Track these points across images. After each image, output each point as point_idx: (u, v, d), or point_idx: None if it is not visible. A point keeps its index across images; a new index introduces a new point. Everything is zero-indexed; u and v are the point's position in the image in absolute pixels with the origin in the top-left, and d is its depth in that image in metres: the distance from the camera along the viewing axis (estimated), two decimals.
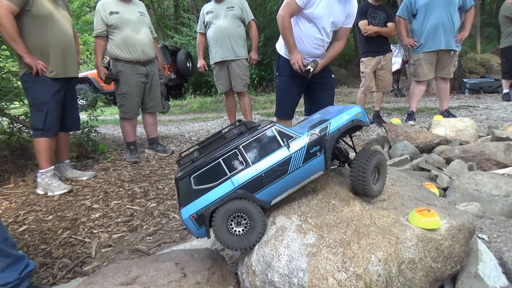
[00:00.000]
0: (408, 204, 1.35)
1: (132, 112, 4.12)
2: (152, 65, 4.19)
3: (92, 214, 2.78)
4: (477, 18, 15.11)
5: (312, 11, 2.91)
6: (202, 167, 1.26)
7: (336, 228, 1.17)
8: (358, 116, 1.39)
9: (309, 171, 1.32)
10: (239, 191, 1.24)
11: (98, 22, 3.89)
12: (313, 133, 1.30)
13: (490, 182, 2.26)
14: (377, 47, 4.98)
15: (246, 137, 1.29)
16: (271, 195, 1.30)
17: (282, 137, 1.29)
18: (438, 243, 1.18)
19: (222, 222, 1.24)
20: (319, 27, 2.97)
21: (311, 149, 1.29)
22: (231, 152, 1.26)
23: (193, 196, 1.25)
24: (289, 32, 2.96)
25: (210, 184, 1.25)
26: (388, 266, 1.07)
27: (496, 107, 6.10)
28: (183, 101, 11.18)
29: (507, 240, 1.52)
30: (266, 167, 1.26)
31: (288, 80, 3.20)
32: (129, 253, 2.20)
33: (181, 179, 1.26)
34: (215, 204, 1.24)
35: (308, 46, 3.05)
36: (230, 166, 1.26)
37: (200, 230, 1.26)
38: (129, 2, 4.04)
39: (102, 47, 3.98)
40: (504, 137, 2.99)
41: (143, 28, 4.06)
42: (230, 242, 1.25)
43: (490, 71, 11.28)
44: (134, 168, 3.90)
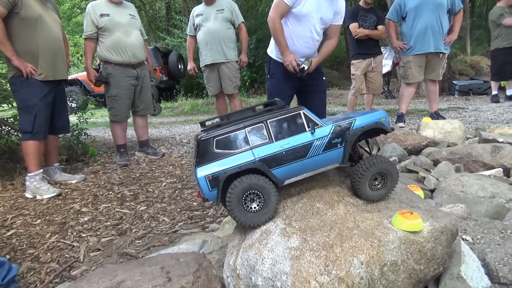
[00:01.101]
0: (392, 206, 1.36)
1: (122, 115, 4.10)
2: (142, 68, 4.18)
3: (81, 217, 2.76)
4: (467, 20, 15.29)
5: (300, 9, 2.92)
6: (227, 132, 1.29)
7: (319, 231, 1.18)
8: (382, 120, 1.44)
9: (327, 160, 1.36)
10: (258, 163, 1.28)
11: (88, 24, 3.87)
12: (338, 126, 1.35)
13: (476, 184, 2.29)
14: (368, 49, 5.02)
15: (274, 113, 1.34)
16: (287, 174, 1.33)
17: (308, 122, 1.34)
18: (420, 245, 1.20)
19: (238, 197, 1.27)
20: (309, 25, 2.98)
21: (333, 140, 1.34)
22: (258, 125, 1.31)
23: (213, 158, 1.28)
24: (280, 33, 2.97)
25: (232, 150, 1.29)
26: (370, 269, 1.08)
27: (485, 108, 6.17)
28: (175, 103, 11.16)
29: (490, 241, 1.55)
30: (288, 146, 1.30)
31: (280, 82, 3.20)
32: (117, 257, 2.19)
33: (203, 139, 1.28)
34: (232, 170, 1.26)
35: (299, 46, 3.05)
36: (254, 137, 1.30)
37: (211, 192, 1.28)
38: (120, 5, 4.03)
39: (92, 49, 3.97)
40: (491, 139, 3.03)
41: (134, 31, 4.05)
42: (244, 219, 1.28)
43: (480, 73, 11.41)
44: (124, 171, 3.88)
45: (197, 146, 1.30)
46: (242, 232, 1.38)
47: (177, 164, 4.07)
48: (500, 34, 6.69)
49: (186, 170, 3.80)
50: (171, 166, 3.99)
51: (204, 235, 2.23)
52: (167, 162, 4.19)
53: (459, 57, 12.82)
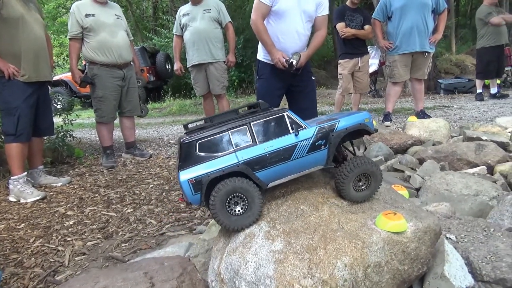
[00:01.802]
0: (376, 207, 1.37)
1: (108, 116, 4.06)
2: (129, 69, 4.14)
3: (66, 221, 2.72)
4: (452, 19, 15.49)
5: (279, 6, 2.90)
6: (210, 135, 1.29)
7: (303, 234, 1.18)
8: (366, 121, 1.44)
9: (311, 162, 1.36)
10: (242, 166, 1.27)
11: (73, 24, 3.83)
12: (321, 127, 1.36)
13: (461, 182, 2.32)
14: (355, 49, 5.05)
15: (258, 116, 1.33)
16: (271, 177, 1.33)
17: (292, 124, 1.33)
18: (404, 245, 1.21)
19: (222, 201, 1.26)
20: (292, 21, 2.95)
21: (317, 142, 1.34)
22: (241, 127, 1.30)
23: (196, 161, 1.27)
24: (264, 33, 2.96)
25: (215, 153, 1.28)
26: (354, 271, 1.08)
27: (470, 107, 6.26)
28: (162, 103, 11.08)
29: (473, 239, 1.56)
30: (272, 148, 1.30)
31: (268, 83, 3.18)
32: (103, 261, 2.16)
33: (186, 142, 1.28)
34: (216, 173, 1.26)
35: (286, 43, 3.02)
36: (238, 140, 1.30)
37: (194, 196, 1.27)
38: (105, 5, 3.99)
39: (77, 49, 3.92)
40: (475, 137, 3.08)
41: (120, 31, 4.02)
42: (228, 222, 1.28)
43: (464, 71, 11.59)
44: (111, 173, 3.84)
45: (179, 149, 1.29)
46: (226, 235, 1.37)
47: (164, 165, 4.04)
48: (486, 33, 6.77)
49: (174, 172, 3.78)
50: (159, 168, 3.96)
51: (191, 237, 2.22)
52: (154, 163, 4.16)
53: (444, 56, 13.00)
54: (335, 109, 5.44)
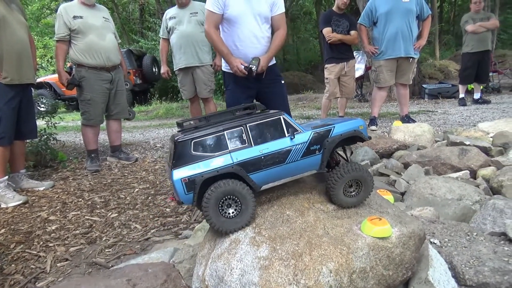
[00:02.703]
0: (362, 212, 1.37)
1: (96, 119, 4.02)
2: (117, 71, 4.12)
3: (48, 226, 2.67)
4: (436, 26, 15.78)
5: (230, 12, 2.83)
6: (205, 135, 1.27)
7: (289, 239, 1.18)
8: (360, 128, 1.45)
9: (305, 166, 1.37)
10: (236, 167, 1.26)
11: (61, 26, 3.79)
12: (317, 132, 1.36)
13: (444, 186, 2.35)
14: (341, 54, 5.09)
15: (254, 117, 1.33)
16: (264, 180, 1.32)
17: (288, 127, 1.33)
18: (389, 251, 1.21)
19: (215, 203, 1.25)
20: (247, 25, 2.86)
21: (311, 146, 1.35)
22: (237, 128, 1.30)
23: (190, 160, 1.25)
24: (219, 43, 2.87)
25: (210, 153, 1.27)
26: (339, 277, 1.08)
27: (453, 111, 6.37)
28: (149, 106, 11.00)
29: (457, 244, 1.58)
30: (267, 151, 1.30)
31: (234, 94, 3.05)
32: (86, 267, 2.12)
33: (181, 141, 1.26)
34: (210, 173, 1.24)
35: (245, 49, 2.92)
36: (233, 141, 1.29)
37: (187, 195, 1.26)
38: (93, 7, 3.97)
39: (64, 51, 3.89)
40: (458, 142, 3.13)
41: (108, 34, 4.01)
42: (220, 224, 1.27)
43: (448, 76, 11.80)
44: (95, 177, 3.78)
45: (174, 148, 1.27)
46: (211, 241, 1.36)
47: (150, 169, 4.00)
48: (467, 39, 6.96)
49: (160, 176, 3.74)
50: (144, 172, 3.91)
51: (176, 242, 2.19)
52: (140, 167, 4.11)
53: (428, 62, 13.22)
54: (322, 113, 5.47)
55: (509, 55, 14.09)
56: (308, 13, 19.21)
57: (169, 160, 1.34)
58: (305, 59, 16.55)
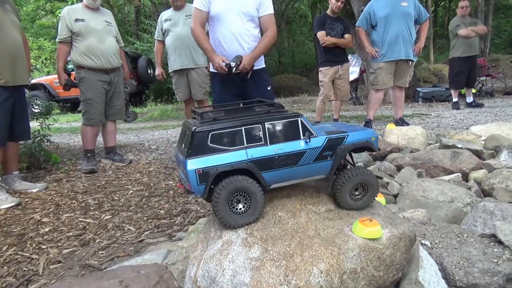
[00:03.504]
0: (354, 214, 1.39)
1: (96, 119, 4.07)
2: (116, 74, 4.17)
3: (42, 228, 2.65)
4: (430, 30, 15.93)
5: (213, 9, 2.84)
6: (224, 128, 1.27)
7: (280, 240, 1.19)
8: (372, 139, 1.48)
9: (315, 170, 1.38)
10: (250, 164, 1.27)
11: (63, 28, 3.88)
12: (331, 139, 1.38)
13: (436, 189, 2.38)
14: (335, 57, 5.12)
15: (273, 116, 1.33)
16: (275, 179, 1.34)
17: (305, 130, 1.34)
18: (380, 252, 1.22)
19: (226, 198, 1.26)
20: (231, 23, 2.85)
21: (324, 152, 1.37)
22: (255, 125, 1.30)
23: (206, 152, 1.26)
24: (203, 40, 2.85)
25: (226, 147, 1.27)
26: (330, 277, 1.09)
27: (447, 115, 6.41)
28: (144, 108, 10.97)
29: (447, 245, 1.60)
30: (281, 151, 1.31)
31: (221, 95, 3.04)
32: (79, 269, 2.11)
33: (199, 131, 1.26)
34: (224, 167, 1.25)
35: (230, 46, 2.90)
36: (250, 137, 1.29)
37: (199, 186, 1.26)
38: (97, 11, 4.04)
39: (65, 53, 3.96)
40: (451, 145, 3.15)
41: (109, 37, 4.06)
42: (229, 219, 1.28)
43: (442, 80, 11.90)
44: (89, 179, 3.77)
45: (191, 137, 1.26)
46: (203, 242, 1.37)
47: (144, 171, 3.99)
48: (456, 44, 7.02)
49: (154, 178, 3.74)
50: (139, 173, 3.91)
51: (170, 244, 2.19)
52: (134, 169, 4.10)
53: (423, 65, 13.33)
54: (317, 116, 5.49)
55: (502, 60, 14.25)
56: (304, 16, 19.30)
57: (183, 147, 1.33)
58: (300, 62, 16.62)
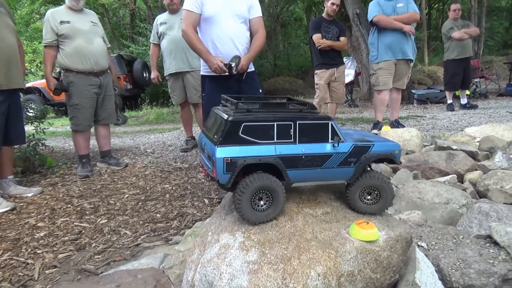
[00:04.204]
0: (350, 216, 1.39)
1: (84, 124, 4.00)
2: (105, 76, 4.10)
3: (37, 233, 2.64)
4: (424, 32, 16.06)
5: (207, 11, 2.84)
6: (257, 120, 1.28)
7: (278, 244, 1.19)
8: (396, 152, 1.49)
9: (337, 175, 1.40)
10: (277, 160, 1.28)
11: (48, 31, 3.78)
12: (357, 146, 1.39)
13: (432, 190, 2.38)
14: (331, 60, 5.15)
15: (305, 116, 1.34)
16: (298, 178, 1.35)
17: (334, 134, 1.35)
18: (376, 254, 1.23)
19: (249, 196, 1.27)
20: (224, 25, 2.86)
21: (349, 158, 1.38)
22: (287, 122, 1.31)
23: (236, 142, 1.26)
24: (196, 42, 2.85)
25: (256, 139, 1.27)
26: (327, 280, 1.09)
27: (441, 117, 6.46)
28: (139, 112, 10.94)
29: (444, 247, 1.61)
30: (308, 151, 1.32)
31: (213, 99, 2.98)
32: (75, 274, 2.10)
33: (233, 121, 1.26)
34: (252, 159, 1.26)
35: (224, 48, 2.91)
36: (280, 133, 1.30)
37: (225, 175, 1.26)
38: (80, 12, 3.95)
39: (52, 57, 3.86)
40: (446, 146, 3.17)
41: (96, 38, 3.99)
42: (250, 216, 1.29)
43: (436, 82, 11.98)
44: (85, 183, 3.75)
45: (224, 125, 1.27)
46: (201, 246, 1.36)
47: (140, 175, 3.98)
48: (450, 46, 7.09)
49: (150, 181, 3.73)
50: (134, 177, 3.90)
51: (166, 248, 2.19)
52: (130, 173, 4.09)
53: (417, 67, 13.41)
54: None
55: (496, 61, 14.37)
56: (299, 19, 19.38)
57: (212, 134, 1.34)
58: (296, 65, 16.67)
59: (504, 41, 20.87)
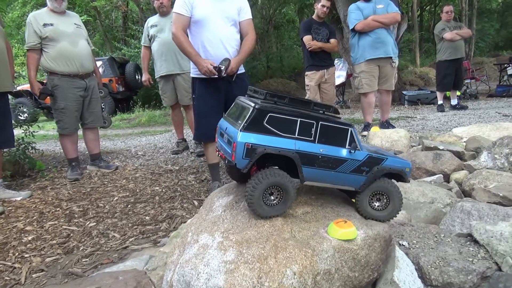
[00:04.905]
0: (330, 216, 1.41)
1: (71, 128, 3.96)
2: (91, 79, 4.07)
3: (25, 237, 2.62)
4: (416, 34, 16.17)
5: (198, 14, 2.84)
6: (282, 113, 1.32)
7: (255, 243, 1.20)
8: (407, 170, 1.55)
9: (348, 181, 1.44)
10: (296, 154, 1.32)
11: (31, 35, 3.71)
12: (372, 156, 1.44)
13: (417, 190, 2.41)
14: (321, 61, 5.16)
15: (328, 118, 1.39)
16: (312, 177, 1.38)
17: (351, 141, 1.40)
18: (354, 253, 1.25)
19: (262, 191, 1.31)
20: (214, 27, 2.87)
21: (362, 167, 1.43)
22: (310, 121, 1.35)
23: (259, 130, 1.29)
24: (187, 44, 2.85)
25: (279, 131, 1.31)
26: (303, 279, 1.11)
27: (432, 117, 6.51)
28: (131, 114, 10.89)
29: (424, 245, 1.63)
30: (325, 152, 1.36)
31: (204, 100, 3.01)
32: (62, 277, 2.10)
33: (260, 109, 1.30)
34: (272, 150, 1.29)
35: (214, 51, 2.91)
36: (302, 130, 1.34)
37: (243, 160, 1.29)
38: (63, 14, 3.90)
39: (36, 60, 3.79)
40: (432, 147, 3.20)
41: (81, 40, 3.94)
42: (260, 210, 1.32)
43: (428, 83, 12.07)
44: (74, 186, 3.74)
45: (251, 112, 1.30)
46: (180, 247, 1.37)
47: (131, 177, 3.98)
48: (442, 47, 7.14)
49: (140, 184, 3.72)
50: (125, 180, 3.89)
51: (154, 250, 2.19)
52: (120, 175, 4.08)
53: (409, 69, 13.50)
54: None
55: (487, 62, 14.51)
56: (292, 21, 19.45)
57: (237, 120, 1.37)
58: (289, 66, 16.70)
59: (495, 42, 21.08)
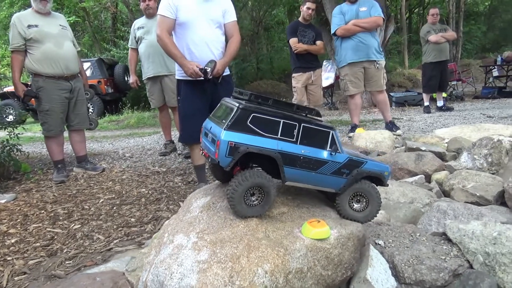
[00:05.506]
0: (306, 216, 1.44)
1: (56, 130, 3.94)
2: (77, 80, 4.05)
3: (8, 239, 2.61)
4: (405, 36, 16.35)
5: (182, 16, 2.85)
6: (266, 114, 1.35)
7: (229, 243, 1.22)
8: (385, 174, 1.60)
9: (329, 182, 1.48)
10: (278, 154, 1.35)
11: (15, 36, 3.67)
12: (352, 159, 1.48)
13: (398, 190, 2.46)
14: (307, 63, 5.20)
15: (310, 121, 1.43)
16: (293, 177, 1.41)
17: (332, 144, 1.44)
18: (327, 251, 1.27)
19: (243, 191, 1.33)
20: (199, 30, 2.88)
21: (342, 169, 1.47)
22: (293, 122, 1.38)
23: (243, 130, 1.32)
24: (171, 46, 2.84)
25: (261, 131, 1.34)
26: (274, 277, 1.13)
27: (418, 119, 6.59)
28: (120, 116, 10.83)
29: (399, 244, 1.67)
30: (307, 153, 1.40)
31: (189, 102, 3.00)
32: (44, 280, 2.09)
33: (244, 109, 1.33)
34: (255, 149, 1.32)
35: (199, 53, 2.91)
36: (284, 131, 1.37)
37: (226, 158, 1.31)
38: (48, 15, 3.88)
39: (20, 62, 3.76)
40: (415, 148, 3.26)
41: (66, 42, 3.92)
42: (241, 210, 1.35)
43: (416, 85, 12.20)
44: (60, 188, 3.73)
45: (235, 112, 1.33)
46: (157, 248, 1.39)
47: (117, 179, 3.97)
48: (428, 50, 7.25)
49: (126, 186, 3.72)
50: (111, 182, 3.89)
51: (137, 252, 2.20)
52: (107, 177, 4.07)
53: (398, 70, 13.63)
54: None
55: (473, 64, 14.73)
56: (281, 22, 19.52)
57: (220, 119, 1.41)
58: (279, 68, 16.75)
59: (482, 45, 21.38)
